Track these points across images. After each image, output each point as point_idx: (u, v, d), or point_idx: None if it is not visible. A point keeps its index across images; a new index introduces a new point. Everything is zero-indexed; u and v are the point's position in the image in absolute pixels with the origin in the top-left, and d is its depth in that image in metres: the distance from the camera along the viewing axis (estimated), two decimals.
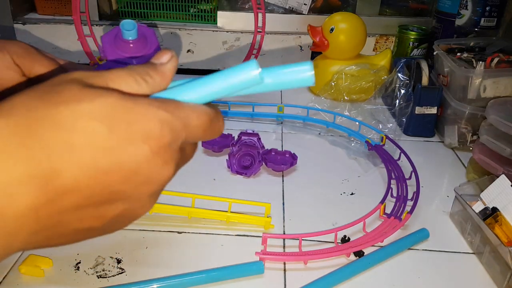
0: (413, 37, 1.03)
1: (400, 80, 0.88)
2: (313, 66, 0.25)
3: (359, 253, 0.55)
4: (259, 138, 0.71)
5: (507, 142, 0.64)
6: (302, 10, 1.12)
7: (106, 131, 0.20)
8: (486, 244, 0.54)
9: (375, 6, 1.12)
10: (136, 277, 0.49)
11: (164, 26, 1.08)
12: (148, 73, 0.23)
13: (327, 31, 0.95)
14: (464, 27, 0.96)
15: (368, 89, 0.95)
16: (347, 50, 0.97)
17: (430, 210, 0.65)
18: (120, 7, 1.10)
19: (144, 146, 0.21)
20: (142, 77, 0.23)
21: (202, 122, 0.23)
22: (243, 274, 0.51)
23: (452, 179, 0.74)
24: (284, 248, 0.56)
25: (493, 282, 0.53)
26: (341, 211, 0.63)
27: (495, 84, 0.76)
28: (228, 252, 0.55)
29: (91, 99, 0.20)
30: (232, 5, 1.13)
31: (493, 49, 0.85)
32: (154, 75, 0.23)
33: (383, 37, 1.12)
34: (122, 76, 0.22)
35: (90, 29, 0.93)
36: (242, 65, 0.24)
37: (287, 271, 0.53)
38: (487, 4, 0.92)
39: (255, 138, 0.70)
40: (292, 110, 0.91)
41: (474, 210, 0.57)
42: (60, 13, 1.12)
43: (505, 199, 0.56)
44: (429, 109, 0.84)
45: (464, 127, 0.80)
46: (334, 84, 0.95)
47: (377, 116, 0.90)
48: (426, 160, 0.78)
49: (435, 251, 0.57)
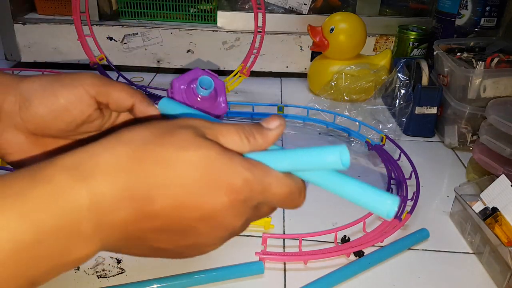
0: (413, 37, 1.03)
1: (400, 80, 0.88)
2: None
3: (359, 253, 0.55)
4: None
5: (507, 142, 0.64)
6: (302, 10, 1.12)
7: (198, 177, 0.23)
8: (486, 244, 0.54)
9: (375, 6, 1.12)
10: (136, 277, 0.49)
11: (164, 26, 1.08)
12: (253, 134, 0.26)
13: (327, 31, 0.95)
14: (464, 27, 0.96)
15: (368, 89, 0.95)
16: (347, 50, 0.97)
17: (430, 210, 0.65)
18: (120, 7, 1.10)
19: (224, 197, 0.24)
20: (247, 136, 0.26)
21: (281, 193, 0.26)
22: (243, 274, 0.51)
23: (452, 179, 0.74)
24: (284, 248, 0.56)
25: (493, 282, 0.53)
26: (341, 211, 0.63)
27: (495, 84, 0.76)
28: (228, 252, 0.55)
29: (196, 148, 0.24)
30: (232, 5, 1.13)
31: (493, 49, 0.85)
32: (258, 138, 0.26)
33: (383, 37, 1.12)
34: (231, 132, 0.25)
35: (90, 29, 0.93)
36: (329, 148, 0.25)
37: (287, 271, 0.53)
38: (487, 4, 0.92)
39: None
40: (292, 110, 0.91)
41: (474, 210, 0.57)
42: (60, 13, 1.12)
43: (505, 199, 0.56)
44: (429, 109, 0.84)
45: (464, 127, 0.80)
46: (334, 84, 0.95)
47: (377, 116, 0.90)
48: (426, 160, 0.78)
49: (435, 251, 0.57)
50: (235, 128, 0.26)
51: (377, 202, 0.26)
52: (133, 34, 1.08)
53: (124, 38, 1.09)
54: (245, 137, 0.26)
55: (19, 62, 1.12)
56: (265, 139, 0.26)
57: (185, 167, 0.23)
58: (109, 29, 1.08)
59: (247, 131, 0.26)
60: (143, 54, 1.10)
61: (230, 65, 1.11)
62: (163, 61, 1.10)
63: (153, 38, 1.09)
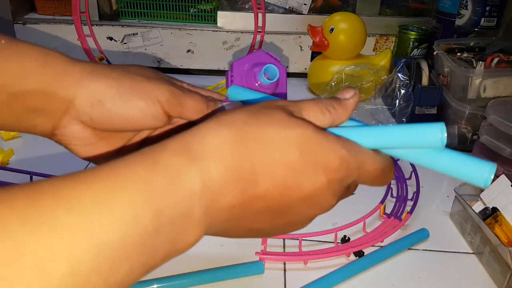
0: (413, 37, 1.03)
1: (400, 80, 0.88)
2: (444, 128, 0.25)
3: (359, 253, 0.55)
4: None
5: (507, 142, 0.64)
6: (302, 10, 1.12)
7: (298, 156, 0.24)
8: (486, 244, 0.54)
9: (375, 6, 1.12)
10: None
11: (164, 26, 1.08)
12: (332, 105, 0.27)
13: (327, 31, 0.95)
14: (464, 27, 0.96)
15: (368, 89, 0.95)
16: (347, 50, 0.97)
17: (430, 210, 0.65)
18: (120, 7, 1.10)
19: (323, 176, 0.24)
20: (327, 108, 0.26)
21: (374, 170, 0.26)
22: (243, 274, 0.51)
23: (452, 179, 0.73)
24: (284, 248, 0.56)
25: (493, 282, 0.53)
26: (341, 211, 0.63)
27: (495, 84, 0.76)
28: (228, 252, 0.55)
29: (293, 127, 0.24)
30: (232, 5, 1.13)
31: (493, 49, 0.85)
32: (337, 107, 0.27)
33: (383, 37, 1.12)
34: (311, 107, 0.26)
35: (90, 29, 0.93)
36: (428, 126, 0.25)
37: (287, 271, 0.53)
38: (487, 4, 0.92)
39: None
40: None
41: (474, 210, 0.57)
42: (60, 13, 1.12)
43: (505, 199, 0.56)
44: (429, 109, 0.84)
45: (464, 127, 0.80)
46: (334, 84, 0.95)
47: (377, 116, 0.90)
48: None
49: (435, 251, 0.57)
50: (314, 102, 0.26)
51: (475, 173, 0.25)
52: (133, 34, 1.08)
53: (124, 38, 1.09)
54: (326, 109, 0.26)
55: None
56: (344, 108, 0.27)
57: (286, 146, 0.24)
58: (109, 29, 1.08)
59: (327, 103, 0.27)
60: (143, 54, 1.10)
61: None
62: (163, 61, 1.11)
63: (153, 38, 1.09)
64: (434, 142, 0.25)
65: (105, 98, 0.30)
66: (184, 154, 0.23)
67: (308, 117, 0.26)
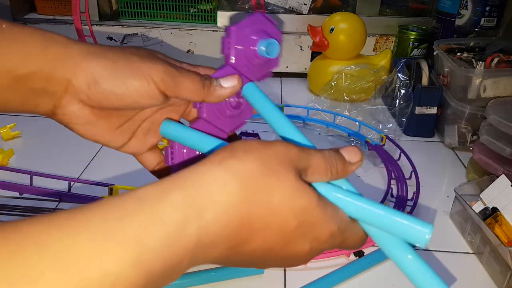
0: (413, 37, 1.03)
1: (400, 80, 0.88)
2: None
3: (359, 253, 0.55)
4: (259, 138, 0.71)
5: (507, 142, 0.64)
6: (302, 10, 1.12)
7: (294, 226, 0.25)
8: (486, 244, 0.54)
9: (375, 6, 1.12)
10: None
11: (164, 26, 1.08)
12: (337, 167, 0.28)
13: (327, 31, 0.95)
14: (464, 27, 0.96)
15: (368, 89, 0.95)
16: (347, 50, 0.97)
17: (430, 210, 0.65)
18: (120, 7, 1.10)
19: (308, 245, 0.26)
20: (331, 169, 0.27)
21: (355, 245, 0.29)
22: (243, 274, 0.51)
23: (452, 179, 0.74)
24: None
25: (493, 282, 0.53)
26: None
27: (495, 84, 0.76)
28: None
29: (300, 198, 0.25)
30: (232, 5, 1.13)
31: (493, 49, 0.85)
32: (340, 171, 0.28)
33: (383, 37, 1.12)
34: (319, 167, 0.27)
35: (90, 29, 0.93)
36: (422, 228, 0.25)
37: (287, 271, 0.53)
38: (487, 4, 0.92)
39: (255, 138, 0.70)
40: (292, 110, 0.91)
41: (474, 210, 0.57)
42: (60, 13, 1.12)
43: (505, 199, 0.56)
44: (429, 109, 0.84)
45: (464, 127, 0.80)
46: (334, 84, 0.95)
47: (377, 116, 0.90)
48: (426, 160, 0.78)
49: (435, 251, 0.57)
50: (323, 161, 0.27)
51: None
52: (133, 34, 1.08)
53: (124, 38, 1.09)
54: (330, 171, 0.27)
55: None
56: (345, 174, 0.28)
57: (286, 215, 0.25)
58: (109, 29, 1.08)
59: (333, 163, 0.28)
60: None
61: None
62: None
63: (153, 38, 1.09)
64: (419, 242, 0.25)
65: (101, 78, 0.31)
66: (188, 210, 0.22)
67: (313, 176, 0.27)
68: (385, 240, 0.27)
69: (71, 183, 0.63)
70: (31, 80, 0.30)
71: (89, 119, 0.33)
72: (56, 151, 0.77)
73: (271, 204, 0.25)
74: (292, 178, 0.25)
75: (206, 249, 0.23)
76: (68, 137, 0.80)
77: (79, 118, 0.33)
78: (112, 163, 0.73)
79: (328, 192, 0.27)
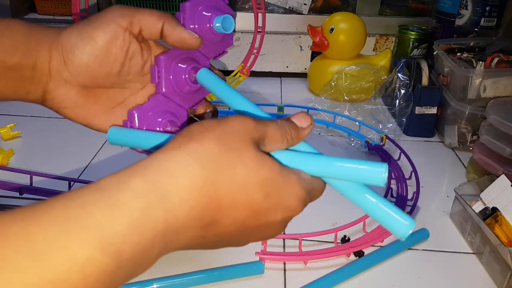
0: (413, 37, 1.03)
1: (400, 80, 0.88)
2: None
3: (359, 253, 0.55)
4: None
5: (507, 142, 0.64)
6: (302, 10, 1.12)
7: (262, 199, 0.26)
8: (486, 244, 0.54)
9: (375, 6, 1.12)
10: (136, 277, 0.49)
11: None
12: (291, 134, 0.29)
13: (327, 31, 0.95)
14: (464, 27, 0.96)
15: (368, 89, 0.95)
16: (347, 50, 0.97)
17: (430, 210, 0.65)
18: None
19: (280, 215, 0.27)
20: (286, 136, 0.28)
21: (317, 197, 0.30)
22: (243, 274, 0.51)
23: (452, 179, 0.74)
24: (284, 248, 0.56)
25: (493, 282, 0.53)
26: (341, 211, 0.63)
27: (495, 84, 0.76)
28: (228, 252, 0.55)
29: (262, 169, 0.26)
30: (232, 5, 1.13)
31: (493, 49, 0.85)
32: (294, 138, 0.29)
33: (383, 37, 1.12)
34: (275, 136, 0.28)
35: None
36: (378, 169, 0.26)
37: (287, 271, 0.53)
38: (487, 4, 0.92)
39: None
40: (292, 110, 0.91)
41: (474, 210, 0.57)
42: (60, 13, 1.12)
43: (505, 199, 0.56)
44: (429, 109, 0.84)
45: (464, 127, 0.80)
46: (334, 84, 0.95)
47: (377, 116, 0.90)
48: (426, 160, 0.78)
49: (435, 251, 0.57)
50: (278, 130, 0.28)
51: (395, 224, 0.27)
52: None
53: None
54: (285, 138, 0.29)
55: None
56: (299, 139, 0.30)
57: (252, 189, 0.25)
58: None
59: (287, 131, 0.29)
60: None
61: (230, 65, 1.11)
62: None
63: None
64: (376, 182, 0.27)
65: (71, 47, 0.32)
66: (151, 196, 0.22)
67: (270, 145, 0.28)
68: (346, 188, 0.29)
69: (71, 183, 0.63)
70: (19, 69, 0.31)
71: (78, 102, 0.34)
72: (56, 151, 0.77)
73: (235, 180, 0.25)
74: (252, 152, 0.26)
75: (178, 233, 0.24)
76: (68, 137, 0.81)
77: (67, 101, 0.34)
78: (112, 163, 0.73)
79: (288, 159, 0.28)
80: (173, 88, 0.36)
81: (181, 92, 0.36)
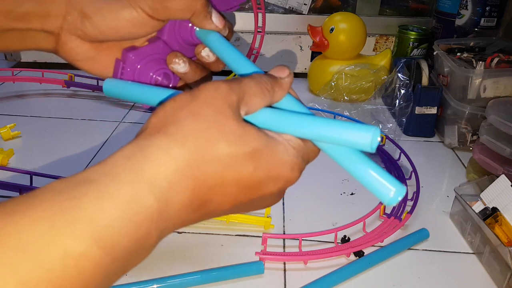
0: (413, 37, 1.03)
1: (400, 80, 0.88)
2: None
3: (359, 253, 0.55)
4: None
5: (507, 142, 0.64)
6: (302, 10, 1.12)
7: (251, 172, 0.25)
8: (486, 244, 0.54)
9: (375, 6, 1.12)
10: (136, 277, 0.49)
11: None
12: (270, 85, 0.28)
13: (327, 31, 0.95)
14: (464, 27, 0.96)
15: (368, 89, 0.95)
16: (347, 50, 0.97)
17: (430, 210, 0.65)
18: None
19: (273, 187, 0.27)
20: (266, 88, 0.27)
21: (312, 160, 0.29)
22: (243, 274, 0.51)
23: (452, 179, 0.74)
24: (284, 248, 0.56)
25: (493, 282, 0.53)
26: (341, 211, 0.63)
27: (495, 84, 0.76)
28: (228, 252, 0.55)
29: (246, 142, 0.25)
30: None
31: (493, 49, 0.85)
32: (275, 88, 0.28)
33: (383, 37, 1.12)
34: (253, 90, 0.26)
35: None
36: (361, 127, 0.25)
37: (287, 271, 0.53)
38: (487, 4, 0.92)
39: None
40: None
41: (474, 210, 0.57)
42: None
43: (505, 199, 0.56)
44: (429, 109, 0.84)
45: (464, 127, 0.80)
46: (334, 84, 0.95)
47: (377, 116, 0.90)
48: (426, 160, 0.78)
49: (435, 251, 0.57)
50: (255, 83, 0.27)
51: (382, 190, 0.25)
52: None
53: None
54: (265, 90, 0.27)
55: (19, 62, 1.12)
56: (281, 88, 0.28)
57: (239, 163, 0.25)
58: None
59: (265, 83, 0.27)
60: None
61: None
62: None
63: None
64: (363, 146, 0.25)
65: (92, 13, 0.32)
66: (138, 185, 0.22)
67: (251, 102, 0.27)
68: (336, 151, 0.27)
69: None
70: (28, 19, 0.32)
71: (90, 54, 0.34)
72: (56, 151, 0.77)
73: (220, 157, 0.24)
74: (233, 123, 0.25)
75: (172, 219, 0.24)
76: (68, 137, 0.81)
77: (80, 54, 0.34)
78: None
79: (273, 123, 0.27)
80: (175, 37, 0.35)
81: (183, 42, 0.36)
